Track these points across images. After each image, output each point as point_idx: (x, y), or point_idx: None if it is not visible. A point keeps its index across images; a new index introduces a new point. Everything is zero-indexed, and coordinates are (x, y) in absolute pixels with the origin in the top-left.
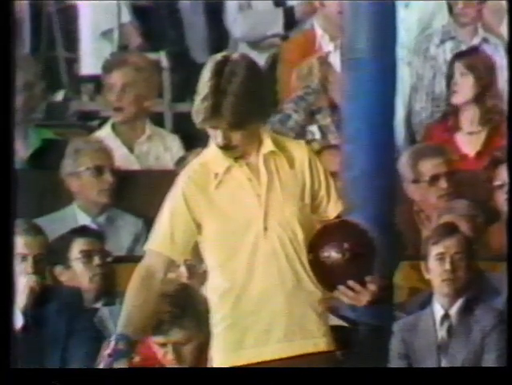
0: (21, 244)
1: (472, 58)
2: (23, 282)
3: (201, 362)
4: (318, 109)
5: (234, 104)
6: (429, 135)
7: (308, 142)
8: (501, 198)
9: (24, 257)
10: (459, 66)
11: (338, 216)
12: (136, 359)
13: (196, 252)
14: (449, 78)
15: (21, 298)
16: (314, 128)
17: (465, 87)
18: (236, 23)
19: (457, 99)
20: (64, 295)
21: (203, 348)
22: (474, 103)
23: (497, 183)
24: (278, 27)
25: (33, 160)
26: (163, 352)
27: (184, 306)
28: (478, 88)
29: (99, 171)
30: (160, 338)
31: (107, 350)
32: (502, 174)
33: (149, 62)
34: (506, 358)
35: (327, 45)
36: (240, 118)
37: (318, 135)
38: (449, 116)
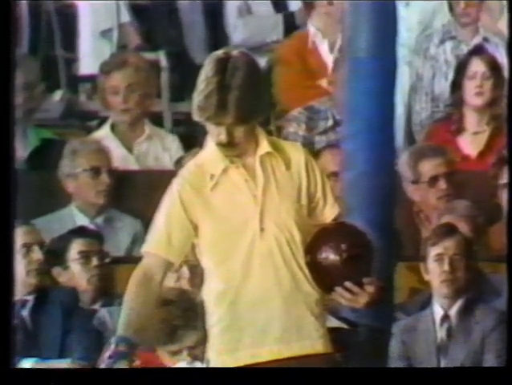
0: (20, 234)
1: (490, 58)
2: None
3: None
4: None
5: (239, 99)
6: (431, 135)
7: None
8: (505, 197)
9: (29, 248)
10: (480, 67)
11: (334, 220)
12: (138, 363)
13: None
14: (460, 78)
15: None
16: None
17: (487, 89)
18: (236, 30)
19: (477, 101)
20: (63, 296)
21: None
22: (489, 105)
23: (502, 181)
24: (279, 33)
25: (31, 159)
26: (175, 360)
27: (192, 308)
28: (497, 91)
29: (95, 172)
30: (174, 347)
31: (107, 352)
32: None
33: (147, 63)
34: (506, 358)
35: (320, 42)
36: (244, 112)
37: (330, 122)
38: (454, 117)
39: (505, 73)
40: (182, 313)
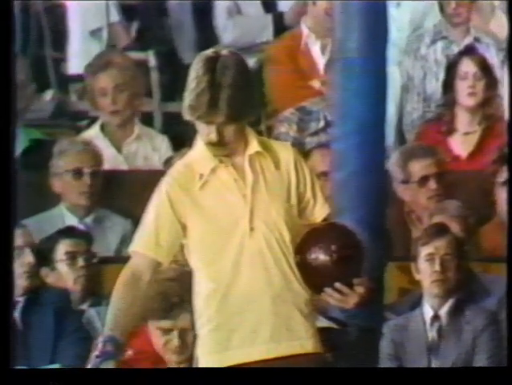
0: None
1: (480, 58)
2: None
3: None
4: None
5: (230, 97)
6: (422, 135)
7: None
8: (502, 195)
9: (21, 250)
10: (471, 67)
11: (325, 220)
12: (130, 352)
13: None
14: (452, 78)
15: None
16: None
17: (479, 89)
18: (226, 30)
19: (469, 102)
20: (54, 297)
21: None
22: (481, 106)
23: (501, 179)
24: (268, 34)
25: (22, 160)
26: (164, 340)
27: (190, 290)
28: (489, 92)
29: (77, 173)
30: (167, 323)
31: (94, 351)
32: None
33: (133, 62)
34: (507, 357)
35: (313, 44)
36: (235, 111)
37: (322, 123)
38: (445, 118)
39: (497, 73)
40: (182, 291)
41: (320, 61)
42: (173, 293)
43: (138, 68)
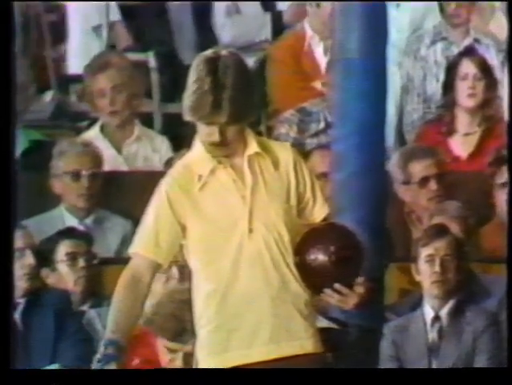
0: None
1: (480, 59)
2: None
3: None
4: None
5: (233, 97)
6: (422, 136)
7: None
8: (501, 197)
9: (21, 252)
10: (471, 68)
11: (324, 220)
12: (137, 361)
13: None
14: (452, 79)
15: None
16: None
17: (479, 90)
18: (224, 29)
19: (469, 102)
20: (55, 299)
21: None
22: (481, 107)
23: (499, 181)
24: (267, 33)
25: (22, 161)
26: (170, 358)
27: None
28: (489, 93)
29: (76, 175)
30: (174, 345)
31: (97, 355)
32: (506, 173)
33: (130, 62)
34: (507, 358)
35: (316, 45)
36: (238, 111)
37: (322, 125)
38: (445, 119)
39: (497, 74)
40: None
41: (322, 62)
42: (186, 318)
43: (137, 69)
